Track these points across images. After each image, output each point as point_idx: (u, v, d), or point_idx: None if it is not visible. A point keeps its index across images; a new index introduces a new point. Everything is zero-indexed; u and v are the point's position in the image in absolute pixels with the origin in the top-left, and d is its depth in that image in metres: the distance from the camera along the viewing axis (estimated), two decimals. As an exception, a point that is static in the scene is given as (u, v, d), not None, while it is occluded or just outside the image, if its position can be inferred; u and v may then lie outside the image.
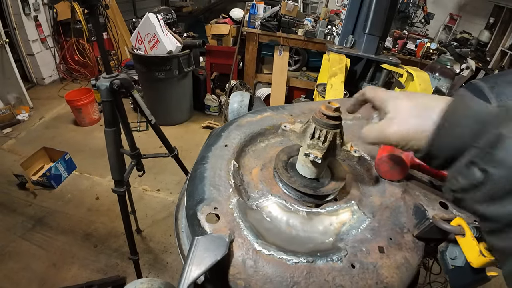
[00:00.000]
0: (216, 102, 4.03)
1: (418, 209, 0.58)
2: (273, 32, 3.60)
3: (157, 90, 3.49)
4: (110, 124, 1.12)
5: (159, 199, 2.72)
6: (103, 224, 2.44)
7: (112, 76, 1.05)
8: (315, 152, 0.56)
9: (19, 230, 2.32)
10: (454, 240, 0.55)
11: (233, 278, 0.47)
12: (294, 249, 0.50)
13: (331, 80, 1.86)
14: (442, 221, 0.53)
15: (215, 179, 0.62)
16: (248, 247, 0.48)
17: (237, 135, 0.76)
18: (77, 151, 3.20)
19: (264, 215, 0.58)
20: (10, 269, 2.03)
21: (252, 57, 3.91)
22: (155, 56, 3.22)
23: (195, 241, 0.48)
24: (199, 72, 3.93)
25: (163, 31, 3.20)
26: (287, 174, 0.64)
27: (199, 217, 0.54)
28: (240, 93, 1.09)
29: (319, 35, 3.56)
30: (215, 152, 0.70)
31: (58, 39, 4.63)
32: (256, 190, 0.65)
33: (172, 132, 3.66)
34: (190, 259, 0.45)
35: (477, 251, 0.47)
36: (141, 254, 2.18)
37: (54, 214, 2.50)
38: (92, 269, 2.10)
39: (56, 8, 4.37)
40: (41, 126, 3.73)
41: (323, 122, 0.55)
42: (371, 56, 2.37)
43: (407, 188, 0.69)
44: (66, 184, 2.82)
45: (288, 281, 0.44)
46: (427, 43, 3.72)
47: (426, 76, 2.11)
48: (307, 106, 0.99)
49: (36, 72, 4.57)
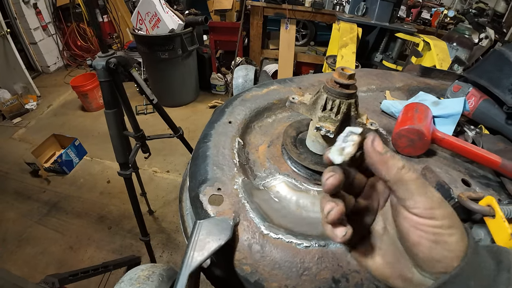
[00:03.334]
0: (222, 80, 3.94)
1: (442, 188, 0.52)
2: (279, 4, 3.41)
3: (161, 71, 3.42)
4: (110, 105, 1.08)
5: (169, 180, 2.74)
6: (116, 207, 2.48)
7: (108, 54, 1.00)
8: (327, 125, 0.50)
9: (35, 216, 2.38)
10: (479, 221, 0.50)
11: (239, 263, 0.44)
12: (305, 231, 0.45)
13: (341, 51, 1.75)
14: (470, 201, 0.47)
15: (218, 158, 0.57)
16: (255, 231, 0.45)
17: (241, 111, 0.71)
18: (87, 136, 3.23)
19: (272, 196, 0.54)
20: (28, 254, 2.10)
21: (257, 32, 3.76)
22: (157, 36, 3.12)
23: (197, 225, 0.44)
24: (203, 50, 3.82)
25: (163, 9, 3.08)
26: (296, 150, 0.59)
27: (202, 199, 0.50)
28: (244, 67, 1.02)
29: (328, 6, 3.36)
30: (218, 130, 0.65)
31: (59, 25, 4.56)
32: (263, 168, 0.60)
33: (179, 113, 3.62)
34: (192, 244, 0.42)
35: (508, 234, 0.42)
36: (154, 234, 2.23)
37: (68, 199, 2.55)
38: (108, 250, 2.15)
39: (54, -6, 4.28)
40: (50, 114, 3.75)
41: (336, 92, 0.49)
42: (385, 24, 2.21)
43: (428, 164, 0.63)
44: (78, 169, 2.87)
45: (298, 267, 0.41)
46: (443, 11, 3.47)
47: (444, 45, 1.97)
48: (316, 78, 0.92)
49: (41, 61, 4.54)
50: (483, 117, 0.81)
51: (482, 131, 0.81)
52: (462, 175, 0.63)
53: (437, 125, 0.75)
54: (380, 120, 0.77)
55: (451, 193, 0.52)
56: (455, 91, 0.89)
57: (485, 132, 0.82)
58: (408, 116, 0.67)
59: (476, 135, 0.78)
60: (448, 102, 0.79)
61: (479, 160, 0.64)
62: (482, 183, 0.62)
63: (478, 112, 0.81)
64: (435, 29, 3.40)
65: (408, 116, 0.67)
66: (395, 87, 0.94)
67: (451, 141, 0.66)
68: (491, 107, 0.79)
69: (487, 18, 5.21)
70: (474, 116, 0.82)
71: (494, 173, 0.66)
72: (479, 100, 0.81)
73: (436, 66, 1.77)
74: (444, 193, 0.53)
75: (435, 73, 1.05)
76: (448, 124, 0.75)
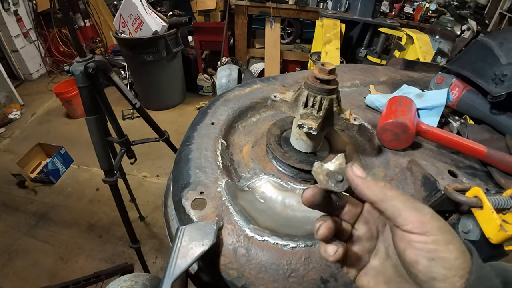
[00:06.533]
0: (209, 81, 3.90)
1: (427, 180, 0.52)
2: (263, 2, 3.40)
3: (147, 74, 3.36)
4: (91, 111, 1.04)
5: (159, 185, 2.69)
6: (105, 214, 2.43)
7: (86, 59, 0.96)
8: (310, 122, 0.49)
9: (24, 228, 2.32)
10: (467, 212, 0.50)
11: (224, 268, 0.42)
12: (291, 232, 0.44)
13: (325, 48, 1.75)
14: (456, 193, 0.47)
15: (201, 160, 0.56)
16: (239, 234, 0.43)
17: (224, 111, 0.70)
18: (73, 143, 3.15)
19: (257, 196, 0.52)
20: (19, 266, 2.04)
21: (242, 31, 3.73)
22: (141, 38, 3.06)
23: (180, 231, 0.42)
24: (188, 51, 3.77)
25: (146, 11, 3.03)
26: (280, 149, 0.58)
27: (184, 203, 0.48)
28: (227, 67, 1.00)
29: (312, 3, 3.36)
30: (201, 132, 0.63)
31: (40, 31, 4.44)
32: (248, 169, 0.59)
33: (167, 116, 3.57)
34: (174, 251, 0.40)
35: (497, 225, 0.42)
36: (146, 240, 2.19)
37: (56, 208, 2.49)
38: (100, 259, 2.11)
39: (35, 0, 4.16)
40: (34, 123, 3.65)
41: (317, 88, 0.48)
42: (368, 19, 2.23)
43: (413, 157, 0.63)
44: (65, 178, 2.79)
45: (285, 269, 0.40)
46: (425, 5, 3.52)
47: (426, 38, 1.99)
48: (300, 75, 0.91)
49: (23, 68, 4.41)
50: (467, 107, 0.81)
51: (466, 122, 0.81)
52: (449, 166, 0.63)
53: (421, 117, 0.75)
54: (365, 114, 0.77)
55: (437, 185, 0.51)
56: (438, 82, 0.89)
57: (470, 122, 0.82)
58: (392, 109, 0.67)
59: (461, 126, 0.79)
60: (432, 94, 0.80)
61: (465, 150, 0.65)
62: (469, 173, 0.62)
63: (462, 102, 0.82)
64: (418, 23, 3.45)
65: (392, 109, 0.67)
66: (379, 81, 0.94)
67: (436, 132, 0.66)
68: (475, 97, 0.79)
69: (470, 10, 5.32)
70: (458, 107, 0.83)
71: (480, 163, 0.66)
72: (463, 90, 0.81)
73: (419, 59, 1.78)
74: (430, 186, 0.52)
75: (418, 66, 1.05)
76: (432, 116, 0.76)
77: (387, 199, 0.29)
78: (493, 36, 0.80)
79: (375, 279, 0.33)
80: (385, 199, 0.29)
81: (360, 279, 0.34)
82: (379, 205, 0.29)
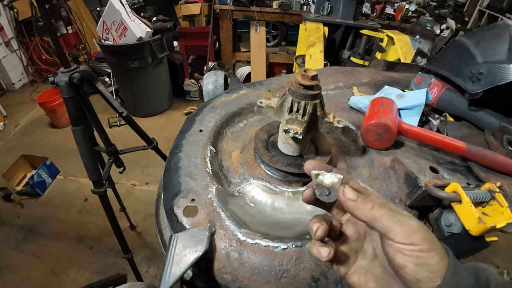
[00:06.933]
0: (196, 86, 3.89)
1: (409, 177, 0.54)
2: (247, 6, 3.42)
3: (132, 81, 3.33)
4: (77, 122, 1.03)
5: (149, 193, 2.66)
6: (95, 225, 2.38)
7: (70, 69, 0.95)
8: (295, 127, 0.51)
9: (12, 243, 2.25)
10: (448, 206, 0.53)
11: (218, 272, 0.43)
12: (281, 234, 0.46)
13: (309, 51, 1.79)
14: (436, 189, 0.49)
15: (190, 168, 0.57)
16: (231, 238, 0.44)
17: (212, 118, 0.71)
18: (59, 154, 3.07)
19: (247, 201, 0.54)
20: (10, 282, 1.98)
21: (227, 35, 3.75)
22: (125, 45, 3.03)
23: (173, 239, 0.43)
24: (174, 57, 3.75)
25: (130, 17, 3.00)
26: (268, 154, 0.59)
27: (176, 211, 0.49)
28: (213, 73, 1.01)
29: (295, 6, 3.41)
30: (189, 139, 0.64)
31: (22, 40, 4.33)
32: (237, 174, 0.60)
33: (154, 122, 3.53)
34: (168, 259, 0.41)
35: (476, 218, 0.44)
36: (138, 250, 2.16)
37: (45, 221, 2.43)
38: (91, 271, 2.06)
39: (16, 8, 4.06)
40: (18, 134, 3.55)
41: (301, 94, 0.50)
42: (349, 22, 2.28)
43: (396, 155, 0.66)
44: (51, 190, 2.73)
45: (277, 270, 0.41)
46: (405, 6, 3.63)
47: (406, 39, 2.06)
48: (286, 79, 0.93)
49: (5, 78, 4.29)
50: (447, 105, 0.85)
51: (446, 119, 0.85)
52: (430, 163, 0.66)
53: (402, 117, 0.78)
54: (349, 116, 0.79)
55: (418, 182, 0.54)
56: (418, 82, 0.93)
57: (450, 120, 0.86)
58: (374, 111, 0.69)
59: (440, 124, 0.82)
60: (412, 94, 0.83)
61: (445, 147, 0.67)
62: (450, 169, 0.65)
63: (441, 101, 0.85)
64: (399, 23, 3.54)
65: (374, 111, 0.69)
66: (362, 83, 0.97)
67: (417, 131, 0.69)
68: (454, 95, 0.83)
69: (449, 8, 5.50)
70: (438, 105, 0.86)
71: (461, 158, 0.69)
72: (442, 89, 0.85)
73: (400, 60, 1.84)
74: (412, 183, 0.55)
75: (399, 67, 1.09)
76: (413, 115, 0.79)
77: (376, 220, 0.32)
78: (470, 36, 0.84)
79: (365, 277, 0.37)
80: (374, 219, 0.33)
81: (351, 277, 0.37)
82: (370, 224, 0.33)
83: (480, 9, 5.54)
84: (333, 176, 0.35)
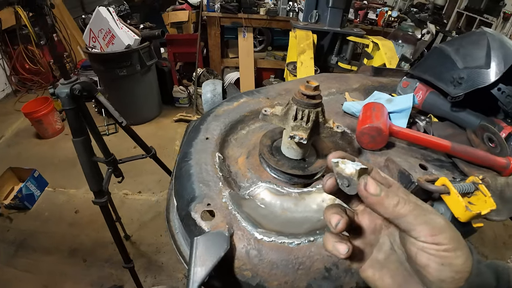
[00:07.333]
0: (185, 93, 3.90)
1: (403, 175, 0.60)
2: (235, 13, 3.48)
3: (121, 89, 3.31)
4: (78, 133, 1.04)
5: (142, 201, 2.65)
6: (87, 237, 2.34)
7: (71, 81, 0.96)
8: (300, 133, 0.56)
9: (2, 258, 2.18)
10: (438, 198, 0.59)
11: (239, 270, 0.47)
12: (293, 231, 0.50)
13: (300, 58, 1.86)
14: (427, 183, 0.55)
15: (202, 174, 0.60)
16: (249, 238, 0.48)
17: (216, 126, 0.74)
18: (46, 165, 3.00)
19: (258, 203, 0.58)
20: (2, 299, 1.93)
21: (215, 42, 3.79)
22: (113, 53, 3.02)
23: (195, 241, 0.47)
24: (162, 64, 3.76)
25: (117, 25, 2.99)
26: (273, 158, 0.63)
27: (194, 216, 0.53)
28: (211, 82, 1.05)
29: (282, 13, 3.50)
30: (197, 147, 0.68)
31: (5, 49, 4.21)
32: (246, 179, 0.64)
33: (144, 130, 3.51)
34: (193, 261, 0.44)
35: (463, 206, 0.50)
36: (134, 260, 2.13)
37: (35, 235, 2.37)
38: (86, 284, 2.03)
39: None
40: (3, 146, 3.44)
41: (304, 103, 0.54)
42: (337, 29, 2.38)
43: (389, 155, 0.71)
44: (40, 203, 2.66)
45: (294, 263, 0.45)
46: (387, 11, 3.78)
47: (390, 44, 2.16)
48: (281, 87, 0.98)
49: (-13, 89, 4.17)
50: (431, 107, 0.93)
51: (431, 120, 0.92)
52: (419, 161, 0.72)
53: (392, 120, 0.84)
54: (344, 120, 0.85)
55: (411, 178, 0.60)
56: (404, 86, 1.00)
57: (434, 120, 0.93)
58: (367, 115, 0.75)
59: (426, 124, 0.89)
60: (400, 99, 0.90)
61: (432, 146, 0.74)
62: (437, 166, 0.72)
63: (426, 103, 0.93)
64: (382, 27, 3.69)
65: (367, 115, 0.75)
66: (353, 88, 1.03)
67: (406, 132, 0.75)
68: (437, 98, 0.90)
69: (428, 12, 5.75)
70: (424, 107, 0.94)
71: (446, 155, 0.76)
72: (426, 93, 0.92)
73: (386, 64, 1.94)
74: (405, 179, 0.61)
75: (386, 72, 1.16)
76: (402, 118, 0.85)
77: (400, 217, 0.30)
78: (450, 43, 0.92)
79: (380, 272, 0.35)
80: (398, 217, 0.30)
81: (365, 271, 0.35)
82: (393, 221, 0.31)
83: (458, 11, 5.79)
84: (355, 165, 0.32)
